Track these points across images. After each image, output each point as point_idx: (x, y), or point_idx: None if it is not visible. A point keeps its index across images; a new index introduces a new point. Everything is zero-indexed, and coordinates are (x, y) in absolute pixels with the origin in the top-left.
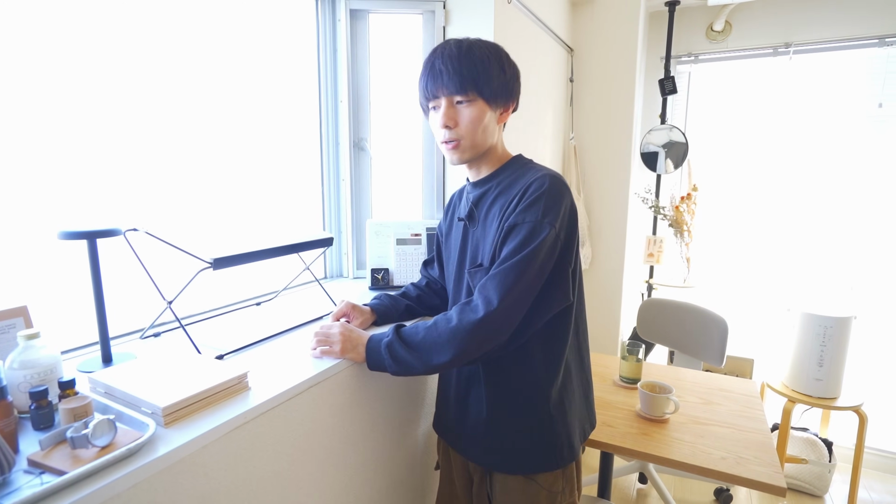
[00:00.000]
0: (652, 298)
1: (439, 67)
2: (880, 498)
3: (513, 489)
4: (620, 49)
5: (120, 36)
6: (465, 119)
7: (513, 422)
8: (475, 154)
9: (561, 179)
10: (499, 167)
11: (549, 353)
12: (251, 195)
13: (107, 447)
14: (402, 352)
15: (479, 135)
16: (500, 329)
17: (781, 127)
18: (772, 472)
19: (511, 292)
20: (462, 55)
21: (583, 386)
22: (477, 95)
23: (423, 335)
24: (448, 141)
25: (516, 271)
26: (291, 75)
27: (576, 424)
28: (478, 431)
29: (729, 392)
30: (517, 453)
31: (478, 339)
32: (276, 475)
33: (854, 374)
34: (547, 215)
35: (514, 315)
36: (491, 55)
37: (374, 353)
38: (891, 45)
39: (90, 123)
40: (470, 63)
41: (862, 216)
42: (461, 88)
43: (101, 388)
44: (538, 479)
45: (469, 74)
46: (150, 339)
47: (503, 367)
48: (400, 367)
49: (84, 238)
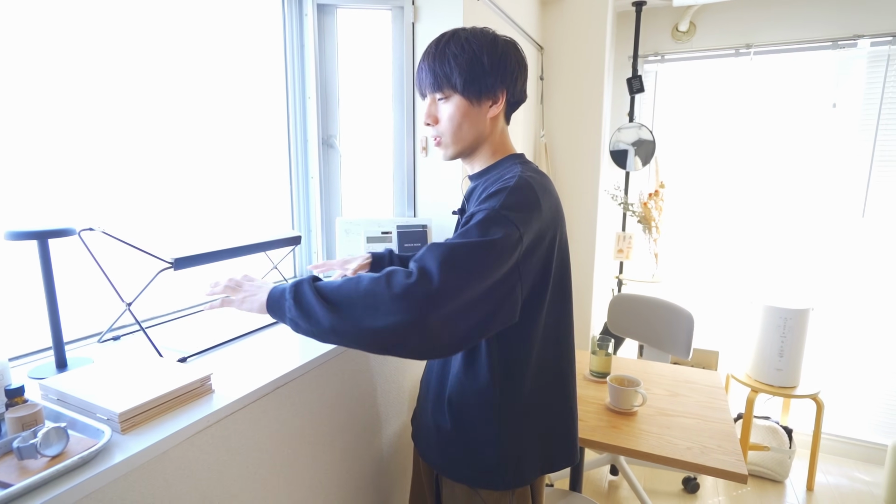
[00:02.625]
0: (621, 294)
1: (421, 66)
2: (836, 481)
3: (459, 497)
4: (590, 48)
5: (77, 26)
6: (444, 115)
7: (460, 431)
8: (461, 150)
9: (532, 184)
10: (493, 163)
11: (502, 373)
12: (218, 194)
13: (58, 457)
14: (311, 298)
15: (460, 130)
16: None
17: (744, 125)
18: (734, 461)
19: (454, 269)
20: (438, 52)
21: (560, 415)
22: (452, 91)
23: (340, 285)
24: (434, 138)
25: (464, 249)
26: (258, 71)
27: (534, 453)
28: (431, 432)
29: (695, 384)
30: (461, 463)
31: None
32: (241, 479)
33: (811, 364)
34: (510, 210)
35: (456, 295)
36: (470, 46)
37: (276, 294)
38: (843, 49)
39: (40, 115)
40: (443, 59)
41: (819, 212)
42: (436, 85)
43: (53, 395)
44: (482, 494)
45: (441, 71)
46: (108, 342)
47: (457, 373)
48: (301, 311)
49: (34, 238)
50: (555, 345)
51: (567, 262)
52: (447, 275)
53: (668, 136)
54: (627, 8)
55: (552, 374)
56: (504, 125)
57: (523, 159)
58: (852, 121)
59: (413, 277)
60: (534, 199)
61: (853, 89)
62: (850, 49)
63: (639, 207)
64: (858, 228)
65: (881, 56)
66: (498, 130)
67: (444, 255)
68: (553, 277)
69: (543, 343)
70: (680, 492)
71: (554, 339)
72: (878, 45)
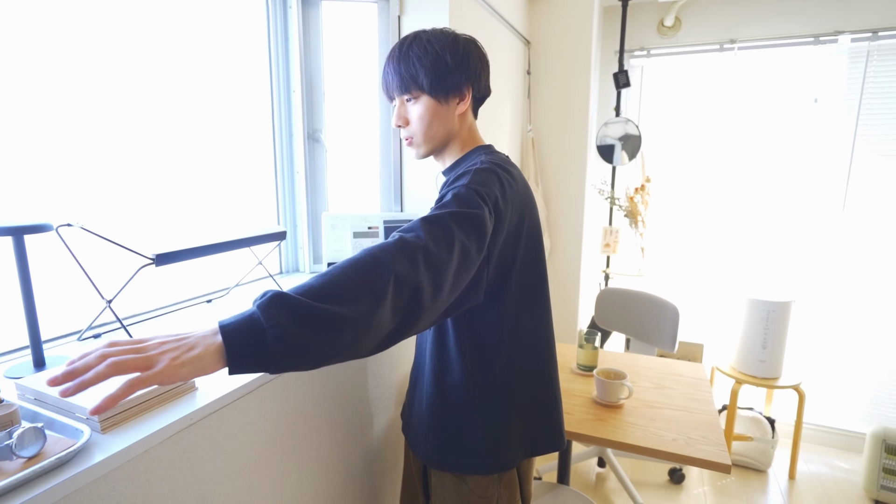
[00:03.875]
0: (608, 288)
1: (386, 70)
2: (817, 469)
3: (447, 486)
4: (576, 42)
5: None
6: (413, 116)
7: (441, 419)
8: (432, 148)
9: (495, 168)
10: (461, 156)
11: (472, 359)
12: (201, 188)
13: (34, 457)
14: (300, 298)
15: (430, 129)
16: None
17: (728, 120)
18: (718, 451)
19: (435, 229)
20: (402, 55)
21: (538, 400)
22: (419, 91)
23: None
24: (406, 139)
25: (445, 216)
26: (241, 64)
27: (516, 437)
28: (420, 422)
29: (680, 376)
30: (446, 451)
31: (405, 255)
32: (226, 477)
33: (793, 355)
34: (479, 185)
35: (440, 244)
36: (432, 46)
37: (234, 325)
38: (824, 44)
39: (15, 107)
40: (407, 61)
41: (800, 205)
42: (403, 87)
43: (30, 395)
44: (468, 482)
45: (407, 73)
46: (88, 340)
47: (431, 362)
48: (296, 322)
49: (8, 234)
50: (530, 330)
51: (539, 248)
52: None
53: (655, 130)
54: (614, 3)
55: (527, 358)
56: (472, 120)
57: (490, 150)
58: (833, 115)
59: (406, 234)
60: (497, 182)
61: (834, 84)
62: (831, 45)
63: (625, 202)
64: (839, 222)
65: (861, 52)
66: (466, 125)
67: (427, 218)
68: (521, 262)
69: (515, 328)
70: (666, 482)
71: (529, 325)
72: (858, 41)
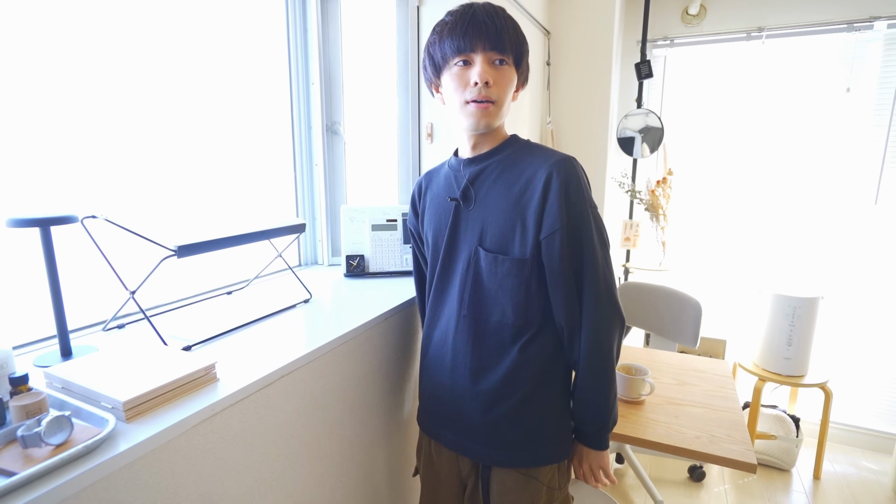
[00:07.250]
0: (628, 282)
1: (483, 19)
2: (843, 469)
3: (511, 489)
4: (597, 32)
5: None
6: (503, 81)
7: (526, 409)
8: (499, 122)
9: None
10: (499, 144)
11: (559, 339)
12: (221, 181)
13: (62, 445)
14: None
15: (508, 102)
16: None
17: (755, 112)
18: (743, 450)
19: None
20: (505, 16)
21: None
22: (511, 59)
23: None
24: (481, 100)
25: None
26: (261, 56)
27: (569, 416)
28: (481, 423)
29: (702, 373)
30: (524, 445)
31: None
32: (247, 468)
33: (820, 353)
34: (589, 202)
35: None
36: (519, 27)
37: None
38: (859, 31)
39: (42, 102)
40: (514, 25)
41: (830, 199)
42: (502, 46)
43: (57, 384)
44: (539, 475)
45: (515, 35)
46: (113, 331)
47: (525, 349)
48: (613, 408)
49: (36, 226)
50: None
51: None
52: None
53: (677, 122)
54: None
55: None
56: None
57: (524, 139)
58: (866, 105)
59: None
60: (582, 175)
61: (868, 73)
62: (866, 31)
63: (646, 195)
64: (871, 216)
65: None
66: None
67: (606, 284)
68: None
69: None
70: (686, 480)
71: None
72: (895, 27)
